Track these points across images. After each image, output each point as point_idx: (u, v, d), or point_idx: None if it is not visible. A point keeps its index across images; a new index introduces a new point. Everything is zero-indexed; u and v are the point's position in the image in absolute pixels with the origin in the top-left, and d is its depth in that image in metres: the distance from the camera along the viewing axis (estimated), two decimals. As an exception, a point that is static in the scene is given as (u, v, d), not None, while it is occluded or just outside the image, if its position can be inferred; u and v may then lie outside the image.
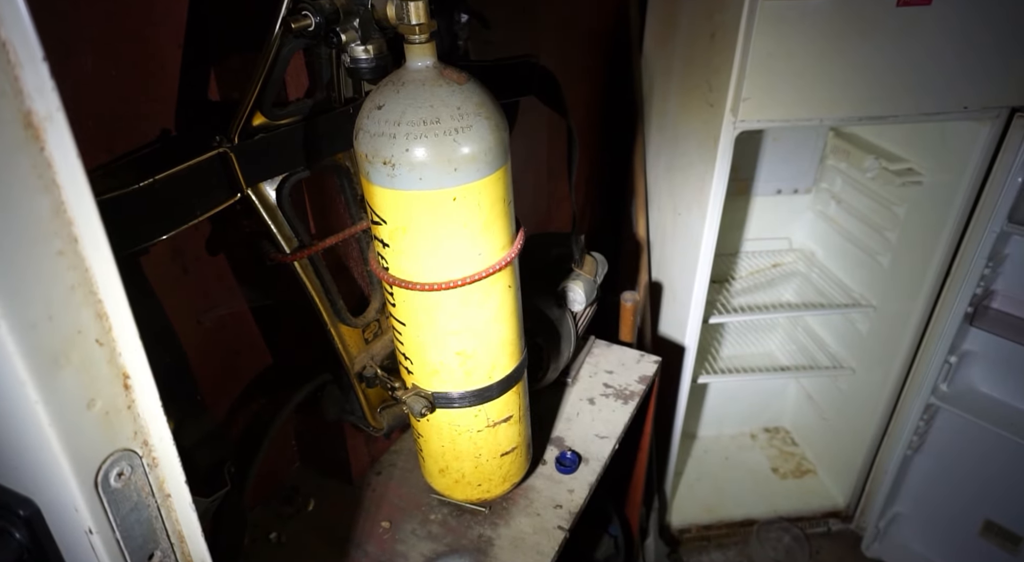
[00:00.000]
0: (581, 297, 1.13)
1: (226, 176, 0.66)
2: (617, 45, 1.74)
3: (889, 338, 1.74)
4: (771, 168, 1.95)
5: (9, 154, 0.34)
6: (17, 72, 0.33)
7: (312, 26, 0.63)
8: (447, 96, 0.66)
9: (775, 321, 2.14)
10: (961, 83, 1.27)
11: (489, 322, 0.79)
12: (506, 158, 0.72)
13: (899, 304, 1.69)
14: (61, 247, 0.37)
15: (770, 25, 1.18)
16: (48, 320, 0.37)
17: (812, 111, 1.29)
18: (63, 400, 0.39)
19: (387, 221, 0.70)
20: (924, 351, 1.64)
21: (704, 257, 1.50)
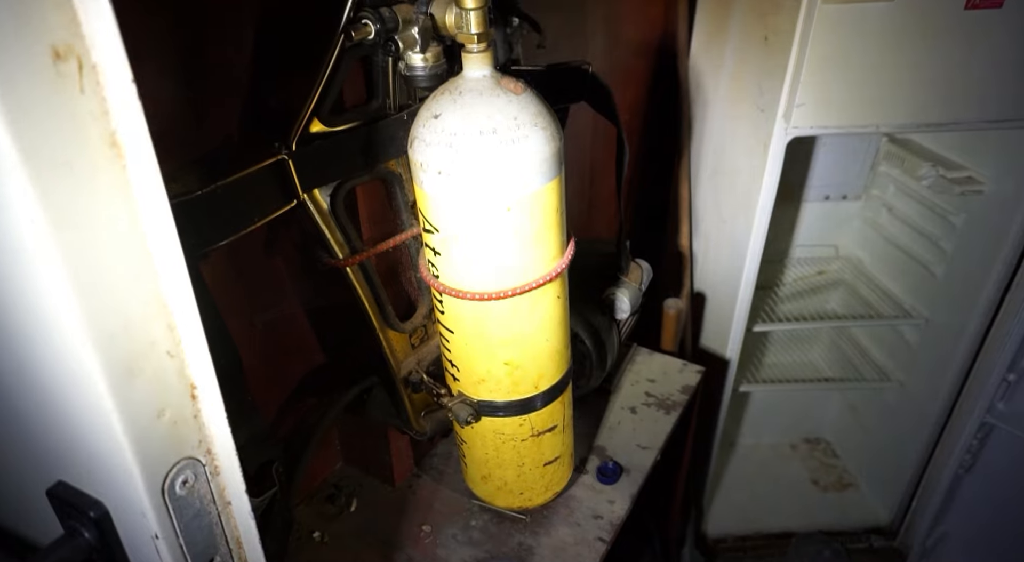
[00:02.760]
0: (627, 305, 1.12)
1: (283, 182, 0.67)
2: (663, 49, 1.71)
3: (941, 352, 1.68)
4: (820, 173, 1.90)
5: (93, 171, 0.34)
6: (104, 93, 0.34)
7: (372, 34, 0.64)
8: (504, 106, 0.65)
9: (818, 330, 2.09)
10: (1030, 89, 1.22)
11: (537, 332, 0.78)
12: (560, 168, 0.71)
13: (953, 316, 1.63)
14: (137, 261, 0.38)
15: (828, 29, 1.15)
16: (124, 331, 0.38)
17: (869, 118, 1.25)
18: (135, 410, 0.40)
19: (439, 229, 0.70)
20: (980, 367, 1.58)
21: (750, 266, 1.47)
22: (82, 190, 0.34)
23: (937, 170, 1.60)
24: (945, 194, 1.62)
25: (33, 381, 0.39)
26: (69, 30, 0.32)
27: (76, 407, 0.39)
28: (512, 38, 1.02)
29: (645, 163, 1.83)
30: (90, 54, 0.33)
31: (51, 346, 0.37)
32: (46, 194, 0.32)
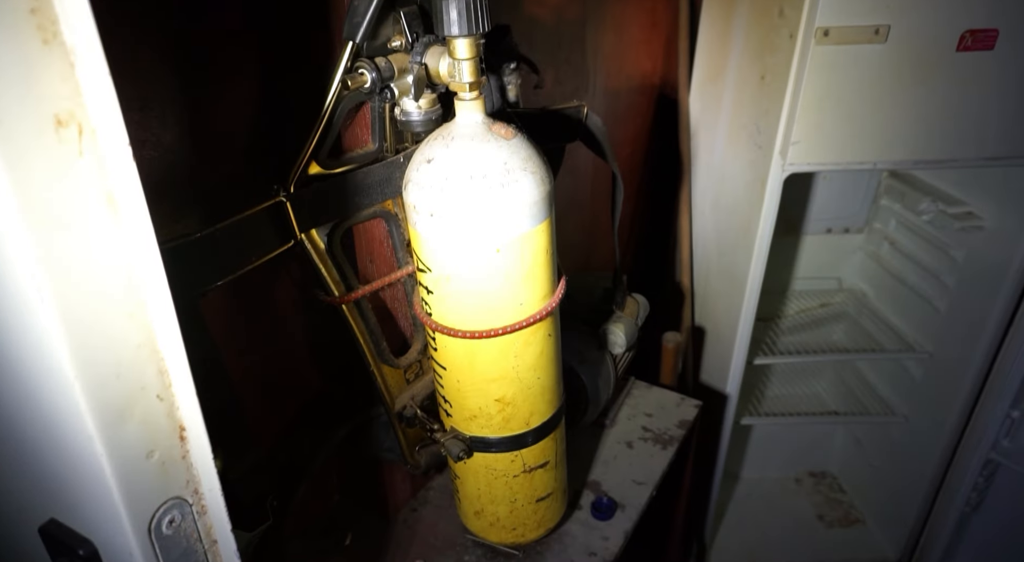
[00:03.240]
0: (622, 340, 1.13)
1: (281, 223, 0.69)
2: (665, 85, 1.75)
3: (945, 387, 1.67)
4: (821, 207, 1.92)
5: (91, 227, 0.36)
6: (102, 155, 0.36)
7: (368, 83, 0.66)
8: (494, 151, 0.67)
9: (823, 363, 2.08)
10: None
11: (528, 370, 0.79)
12: (550, 211, 0.73)
13: (957, 351, 1.63)
14: (131, 310, 0.40)
15: (821, 69, 1.17)
16: (116, 378, 0.40)
17: (865, 155, 1.26)
18: (125, 452, 0.41)
19: (432, 269, 0.72)
20: (984, 403, 1.56)
21: (749, 299, 1.48)
22: (79, 245, 0.36)
23: (937, 205, 1.61)
24: (946, 229, 1.63)
25: (29, 422, 0.41)
26: (72, 100, 0.34)
27: (68, 448, 0.40)
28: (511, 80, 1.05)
29: (647, 196, 1.86)
30: (90, 119, 0.35)
31: (46, 390, 0.38)
32: (45, 251, 0.34)
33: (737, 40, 1.44)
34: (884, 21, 1.11)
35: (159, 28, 0.63)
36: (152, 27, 0.62)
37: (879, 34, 1.12)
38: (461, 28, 0.61)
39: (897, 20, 1.11)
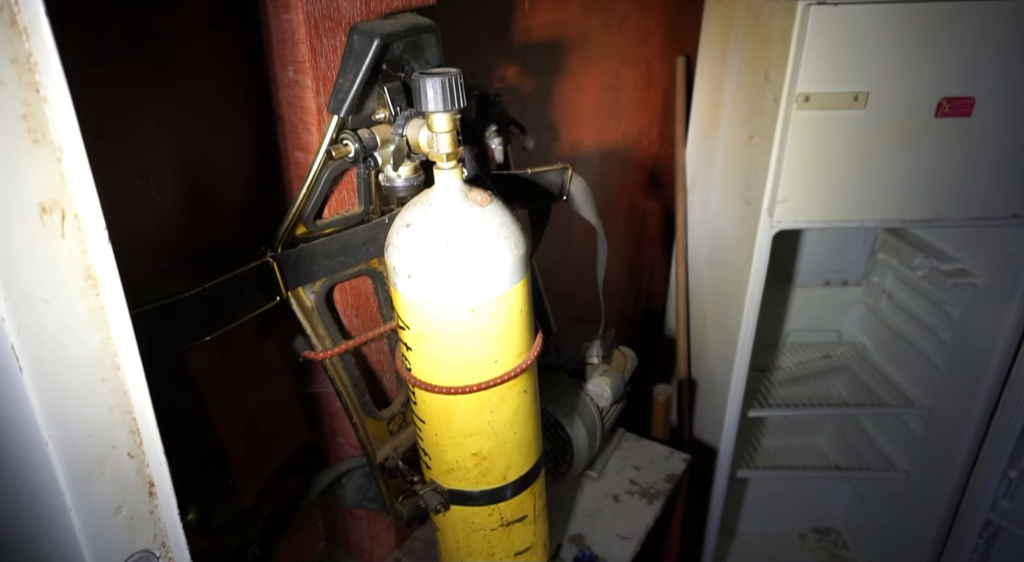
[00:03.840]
0: (608, 393, 1.15)
1: (268, 282, 0.73)
2: (662, 140, 1.80)
3: (945, 444, 1.65)
4: (819, 259, 1.94)
5: (72, 301, 0.40)
6: (83, 236, 0.40)
7: (352, 153, 0.71)
8: (469, 218, 0.71)
9: (824, 415, 2.07)
10: (1008, 190, 1.26)
11: (504, 425, 0.81)
12: (524, 273, 0.76)
13: (955, 408, 1.62)
14: (105, 375, 0.43)
15: (804, 132, 1.21)
16: (88, 437, 0.43)
17: (852, 214, 1.29)
18: (93, 507, 0.44)
19: (410, 327, 0.75)
20: (982, 462, 1.55)
21: (741, 352, 1.49)
22: (58, 317, 0.39)
23: (930, 261, 1.62)
24: (940, 285, 1.64)
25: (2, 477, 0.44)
26: (57, 189, 0.38)
27: (40, 503, 0.43)
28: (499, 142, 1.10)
29: (644, 248, 1.89)
30: (73, 206, 0.39)
31: (21, 449, 0.42)
32: (24, 323, 0.38)
33: (728, 100, 1.49)
34: (863, 88, 1.15)
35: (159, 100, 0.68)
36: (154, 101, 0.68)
37: (858, 100, 1.16)
38: (437, 105, 0.66)
39: (875, 87, 1.16)
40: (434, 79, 0.65)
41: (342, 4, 0.71)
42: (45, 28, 0.35)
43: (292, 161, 0.78)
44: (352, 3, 0.72)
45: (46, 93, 0.36)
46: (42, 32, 0.35)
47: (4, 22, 0.34)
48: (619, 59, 1.51)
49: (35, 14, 0.34)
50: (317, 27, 0.69)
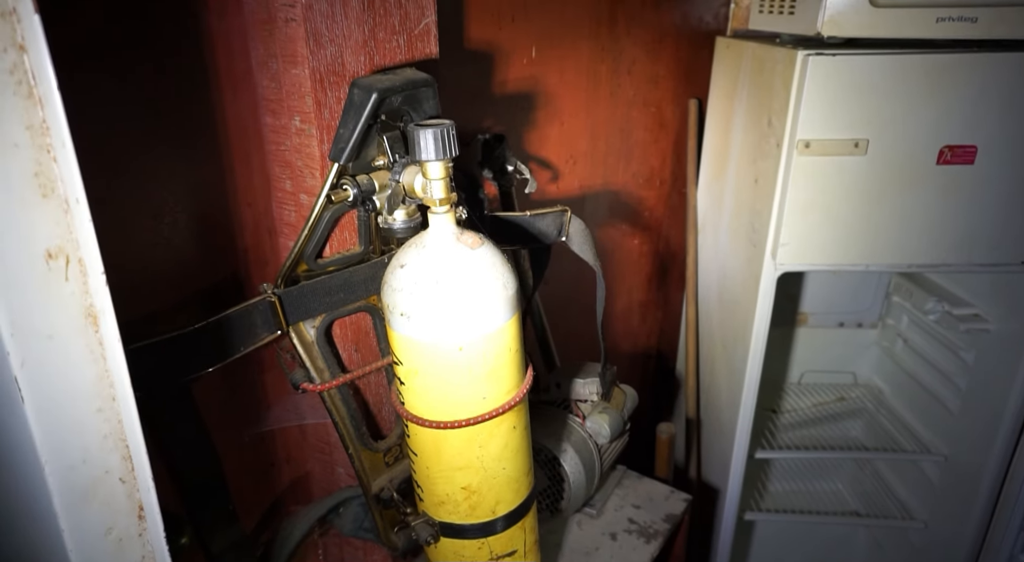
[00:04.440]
0: (606, 431, 1.16)
1: (270, 317, 0.77)
2: (674, 180, 1.83)
3: (962, 493, 1.61)
4: (832, 300, 1.93)
5: (72, 337, 0.44)
6: (86, 279, 0.44)
7: (351, 197, 0.75)
8: (460, 259, 0.74)
9: (837, 459, 2.03)
10: (1015, 237, 1.25)
11: (493, 460, 0.83)
12: (512, 312, 0.79)
13: (971, 456, 1.58)
14: (100, 405, 0.47)
15: (806, 177, 1.23)
16: (83, 463, 0.47)
17: (856, 258, 1.30)
18: (85, 529, 0.47)
19: (403, 362, 0.78)
20: (1000, 513, 1.50)
21: (748, 393, 1.49)
22: (59, 352, 0.44)
23: (943, 305, 1.61)
24: (953, 330, 1.62)
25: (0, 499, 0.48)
26: (63, 237, 0.42)
27: (34, 524, 0.47)
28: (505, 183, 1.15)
29: (655, 286, 1.90)
30: (77, 252, 0.43)
31: (19, 473, 0.45)
32: (27, 357, 0.42)
33: (736, 143, 1.51)
34: (863, 135, 1.17)
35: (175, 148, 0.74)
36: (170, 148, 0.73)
37: (859, 147, 1.18)
38: (430, 154, 0.70)
39: (876, 135, 1.17)
40: (428, 130, 0.69)
41: (347, 59, 0.76)
42: (56, 98, 0.39)
43: (298, 203, 0.82)
44: (356, 58, 0.77)
45: (55, 153, 0.40)
46: (54, 102, 0.39)
47: (22, 94, 0.39)
48: (628, 103, 1.55)
49: (49, 87, 0.39)
50: (322, 81, 0.74)
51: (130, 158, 0.70)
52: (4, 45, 0.38)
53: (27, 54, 0.38)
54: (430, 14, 0.85)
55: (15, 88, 0.38)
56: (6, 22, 0.37)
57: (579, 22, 1.33)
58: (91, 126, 0.65)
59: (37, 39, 0.38)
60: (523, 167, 1.11)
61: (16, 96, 0.39)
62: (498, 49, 1.16)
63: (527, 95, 1.25)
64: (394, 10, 0.80)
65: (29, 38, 0.38)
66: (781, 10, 1.34)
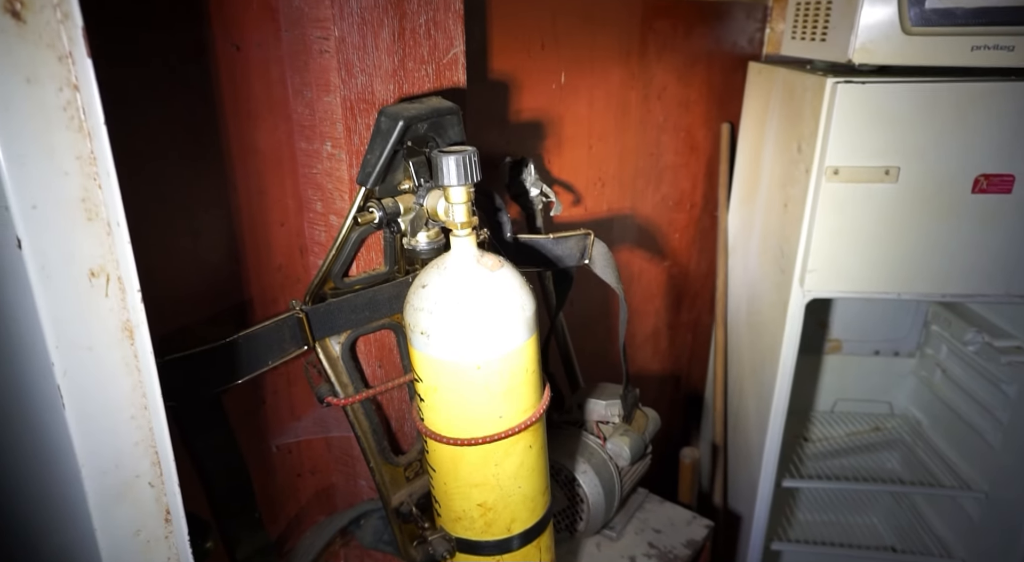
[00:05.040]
0: (627, 454, 1.16)
1: (297, 332, 0.81)
2: (707, 202, 1.83)
3: (1004, 532, 1.55)
4: (867, 328, 1.89)
5: (110, 349, 0.48)
6: (124, 296, 0.48)
7: (376, 220, 0.79)
8: (479, 281, 0.77)
9: (870, 491, 1.97)
10: (1056, 268, 1.22)
11: (509, 479, 0.85)
12: (530, 333, 0.81)
13: (1013, 493, 1.52)
14: (134, 413, 0.50)
15: (834, 203, 1.22)
16: (115, 468, 0.50)
17: (886, 285, 1.28)
18: (116, 530, 0.51)
19: (423, 380, 0.81)
20: (1042, 553, 1.44)
21: (775, 419, 1.47)
22: (98, 363, 0.47)
23: (983, 336, 1.56)
24: (995, 362, 1.57)
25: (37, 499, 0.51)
26: (105, 257, 0.46)
27: (69, 525, 0.50)
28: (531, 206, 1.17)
29: (685, 308, 1.90)
30: (117, 270, 0.47)
31: (56, 476, 0.49)
32: (70, 367, 0.46)
33: (766, 167, 1.51)
34: (894, 163, 1.16)
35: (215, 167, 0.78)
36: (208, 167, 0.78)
37: (890, 174, 1.17)
38: (452, 179, 0.73)
39: (907, 162, 1.16)
40: (451, 157, 0.72)
41: (376, 88, 0.80)
42: (103, 132, 0.43)
43: (328, 223, 0.86)
44: (385, 87, 0.80)
45: (100, 181, 0.44)
46: (101, 135, 0.43)
47: (73, 128, 0.43)
48: (659, 127, 1.57)
49: (97, 121, 0.43)
50: (352, 108, 0.78)
51: (173, 182, 0.74)
52: (60, 84, 0.42)
53: (79, 93, 0.42)
54: (458, 44, 0.88)
55: (67, 122, 0.43)
56: (62, 64, 0.42)
57: (609, 50, 1.35)
58: (139, 154, 0.70)
59: (88, 79, 0.42)
60: (548, 190, 1.14)
61: (68, 130, 0.43)
62: (527, 75, 1.19)
63: (555, 120, 1.28)
64: (423, 41, 0.83)
65: (82, 78, 0.42)
66: (813, 36, 1.34)
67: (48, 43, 0.41)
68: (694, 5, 1.55)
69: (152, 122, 0.71)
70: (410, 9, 0.81)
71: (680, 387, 1.96)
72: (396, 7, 0.79)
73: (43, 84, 0.41)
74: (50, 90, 0.41)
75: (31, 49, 0.40)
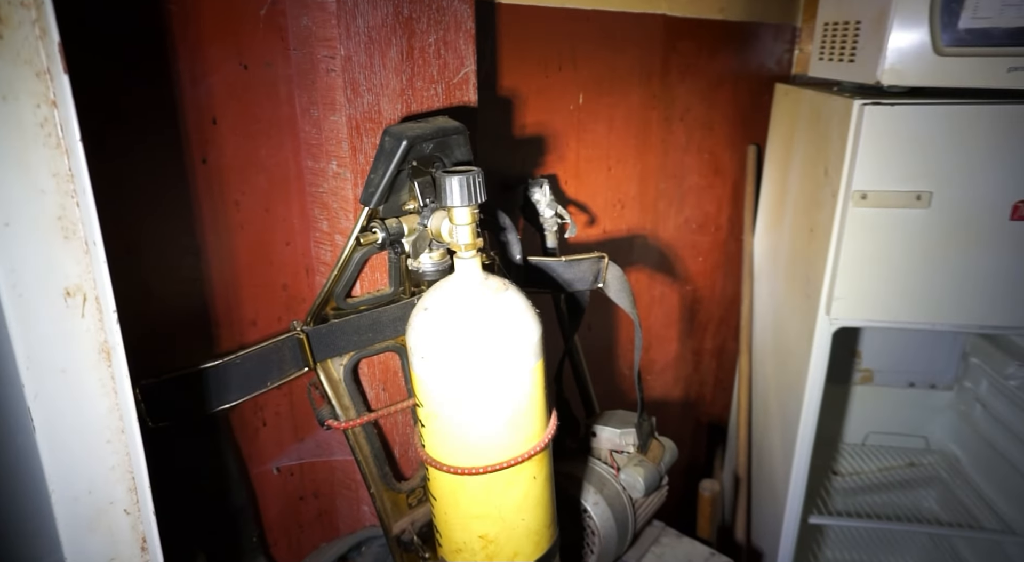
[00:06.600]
0: (641, 485, 1.11)
1: (298, 354, 0.79)
2: (732, 225, 1.78)
3: (1048, 580, 1.45)
4: (901, 358, 1.81)
5: (86, 371, 0.47)
6: (100, 316, 0.46)
7: (379, 240, 0.77)
8: (482, 304, 0.74)
9: (910, 532, 1.87)
10: (1103, 301, 1.15)
11: (512, 511, 0.81)
12: (535, 359, 0.78)
13: (1059, 539, 1.43)
14: (109, 437, 0.49)
15: (862, 228, 1.17)
16: (88, 494, 0.48)
17: (918, 316, 1.22)
18: (88, 559, 0.49)
19: (423, 405, 0.78)
20: (1092, 606, 1.34)
21: (800, 452, 1.40)
22: (71, 385, 0.46)
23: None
24: (1038, 397, 1.48)
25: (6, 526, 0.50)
26: (81, 276, 0.45)
27: (37, 553, 0.49)
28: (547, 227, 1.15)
29: (708, 333, 1.84)
30: (94, 289, 0.46)
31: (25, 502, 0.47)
32: (40, 389, 0.44)
33: (792, 190, 1.46)
34: (926, 188, 1.11)
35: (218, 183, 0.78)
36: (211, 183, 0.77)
37: (921, 200, 1.12)
38: (455, 200, 0.71)
39: (940, 187, 1.11)
40: (455, 177, 0.70)
41: (383, 107, 0.79)
42: (79, 149, 0.42)
43: (333, 243, 0.85)
44: (393, 106, 0.79)
45: (78, 199, 0.43)
46: (78, 152, 0.42)
47: (51, 145, 0.42)
48: (681, 149, 1.54)
49: (73, 138, 0.42)
50: (358, 128, 0.77)
51: (173, 200, 0.74)
52: (37, 101, 0.41)
53: (57, 109, 0.42)
54: (469, 64, 0.87)
55: (44, 139, 0.42)
56: (40, 81, 0.41)
57: (630, 71, 1.33)
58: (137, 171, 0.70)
59: (65, 95, 0.41)
60: (563, 211, 1.11)
61: (45, 147, 0.42)
62: (543, 95, 1.18)
63: (572, 141, 1.26)
64: (432, 60, 0.82)
65: (59, 95, 0.41)
66: (841, 57, 1.30)
67: (26, 59, 0.40)
68: (719, 25, 1.52)
69: (152, 141, 0.71)
70: (419, 28, 0.80)
71: (702, 415, 1.90)
72: (405, 27, 0.78)
73: (20, 101, 0.40)
74: (27, 107, 0.41)
75: (8, 66, 0.40)
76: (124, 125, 0.68)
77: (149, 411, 0.69)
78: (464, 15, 0.84)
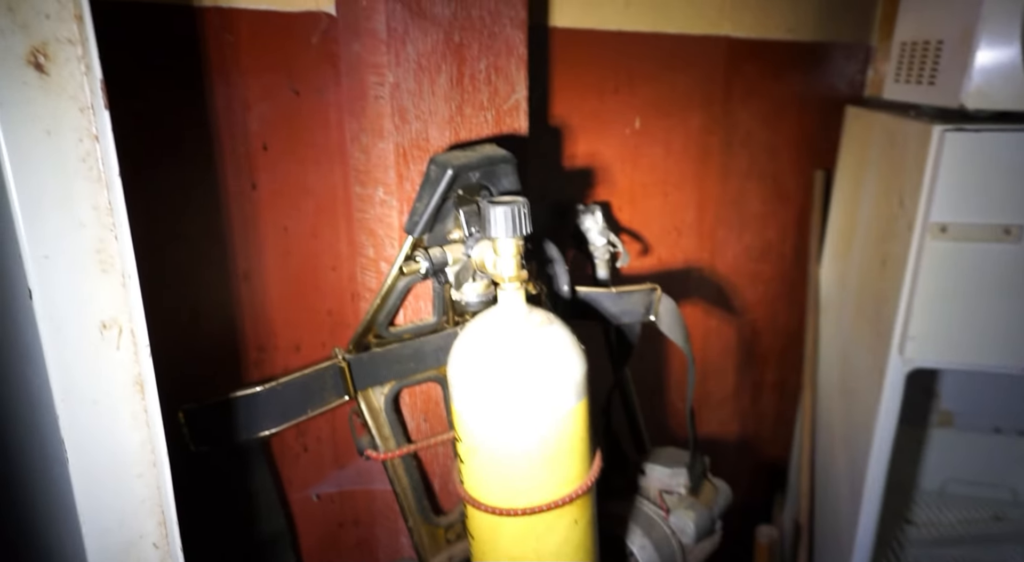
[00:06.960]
0: (691, 529, 1.05)
1: (340, 382, 0.78)
2: (798, 254, 1.70)
3: None
4: (986, 401, 1.67)
5: (119, 404, 0.46)
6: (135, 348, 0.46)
7: (422, 270, 0.76)
8: (525, 338, 0.72)
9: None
10: None
11: (551, 555, 0.78)
12: (580, 397, 0.74)
13: None
14: (141, 471, 0.49)
15: (942, 264, 1.09)
16: (119, 527, 0.48)
17: (1003, 359, 1.12)
18: (116, 590, 0.49)
19: (463, 440, 0.76)
20: None
21: (868, 500, 1.30)
22: (104, 418, 0.46)
23: None
24: None
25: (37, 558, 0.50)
26: (118, 309, 0.45)
27: (69, 582, 0.49)
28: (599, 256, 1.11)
29: (769, 366, 1.76)
30: (130, 322, 0.46)
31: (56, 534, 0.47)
32: (74, 421, 0.44)
33: (863, 220, 1.38)
34: (1014, 221, 1.02)
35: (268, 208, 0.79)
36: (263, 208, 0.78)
37: (1010, 234, 1.03)
38: (499, 232, 0.69)
39: (1031, 220, 1.02)
40: (499, 207, 0.68)
41: (432, 134, 0.78)
42: (118, 183, 0.42)
43: (379, 270, 0.84)
44: (441, 133, 0.78)
45: (116, 233, 0.43)
46: (116, 186, 0.42)
47: (92, 178, 0.42)
48: (743, 174, 1.48)
49: (113, 172, 0.42)
50: (406, 155, 0.76)
51: (225, 223, 0.75)
52: (80, 135, 0.41)
53: (99, 143, 0.42)
54: (520, 90, 0.85)
55: (86, 173, 0.42)
56: (84, 116, 0.41)
57: (690, 94, 1.29)
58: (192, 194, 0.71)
59: (106, 130, 0.42)
60: (616, 240, 1.08)
61: (87, 180, 0.42)
62: (599, 120, 1.15)
63: (628, 166, 1.23)
64: (483, 87, 0.81)
65: (101, 129, 0.42)
66: (920, 79, 1.22)
67: (71, 95, 0.41)
68: (787, 46, 1.46)
69: (202, 167, 0.72)
70: (470, 55, 0.79)
71: (761, 454, 1.80)
72: (455, 53, 0.78)
73: (63, 135, 0.41)
74: (70, 141, 0.41)
75: (53, 101, 0.40)
76: (176, 151, 0.69)
77: (192, 436, 0.69)
78: (516, 41, 0.83)
